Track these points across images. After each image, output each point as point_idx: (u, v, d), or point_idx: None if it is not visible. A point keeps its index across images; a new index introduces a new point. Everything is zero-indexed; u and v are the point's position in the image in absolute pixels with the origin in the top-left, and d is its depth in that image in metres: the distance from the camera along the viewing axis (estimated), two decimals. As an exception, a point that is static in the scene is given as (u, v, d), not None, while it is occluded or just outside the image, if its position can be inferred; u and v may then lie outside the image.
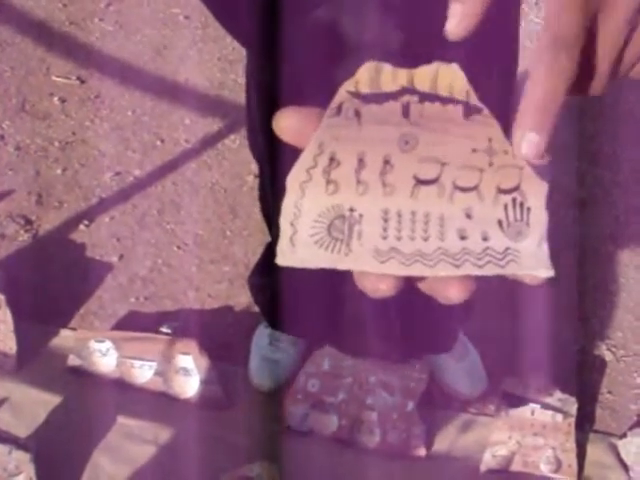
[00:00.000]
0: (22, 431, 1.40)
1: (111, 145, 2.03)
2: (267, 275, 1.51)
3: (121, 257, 1.78)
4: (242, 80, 1.32)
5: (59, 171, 1.96)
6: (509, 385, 1.46)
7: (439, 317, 1.44)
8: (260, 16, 1.03)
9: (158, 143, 2.04)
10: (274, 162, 1.28)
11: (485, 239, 0.38)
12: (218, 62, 2.29)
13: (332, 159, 0.39)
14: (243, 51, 1.25)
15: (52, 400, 1.47)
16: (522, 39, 1.16)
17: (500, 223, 0.38)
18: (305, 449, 1.42)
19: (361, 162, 0.39)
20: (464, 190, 0.38)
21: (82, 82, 2.20)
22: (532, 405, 1.43)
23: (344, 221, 0.38)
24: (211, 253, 1.80)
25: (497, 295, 1.68)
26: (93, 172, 1.96)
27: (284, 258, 0.39)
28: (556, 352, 1.60)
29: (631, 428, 1.46)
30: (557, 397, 1.45)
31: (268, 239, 1.50)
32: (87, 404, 1.46)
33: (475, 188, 0.38)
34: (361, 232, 0.38)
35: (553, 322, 1.66)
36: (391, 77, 0.40)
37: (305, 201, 0.39)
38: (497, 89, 0.40)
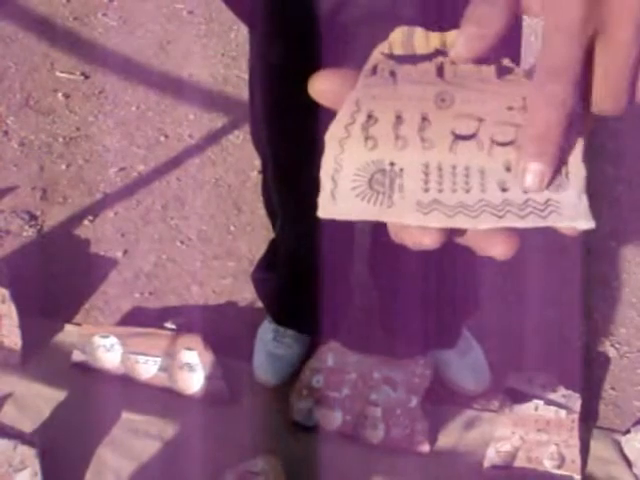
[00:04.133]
0: (27, 426, 1.40)
1: (115, 140, 2.03)
2: (271, 270, 1.51)
3: (125, 252, 1.79)
4: (246, 75, 1.31)
5: (63, 167, 1.97)
6: (513, 381, 1.46)
7: (443, 313, 1.44)
8: None
9: (162, 139, 2.05)
10: (278, 155, 1.28)
11: (526, 191, 0.38)
12: (222, 58, 2.29)
13: (370, 116, 0.40)
14: (246, 46, 1.25)
15: (57, 395, 1.47)
16: (527, 35, 1.16)
17: None
18: (309, 444, 1.42)
19: (399, 119, 0.39)
20: (502, 145, 0.39)
21: (86, 77, 2.20)
22: (536, 401, 1.43)
23: (385, 175, 0.39)
24: (215, 249, 1.80)
25: (500, 291, 1.68)
26: (97, 167, 1.96)
27: (325, 211, 0.39)
28: (560, 348, 1.61)
29: (634, 424, 1.46)
30: (561, 393, 1.45)
31: (272, 234, 1.50)
32: (92, 399, 1.46)
33: (513, 143, 0.38)
34: (402, 185, 0.38)
35: (557, 318, 1.66)
36: (424, 40, 0.41)
37: (345, 156, 0.39)
38: None
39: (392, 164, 0.39)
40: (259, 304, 1.60)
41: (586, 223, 0.38)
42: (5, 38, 2.31)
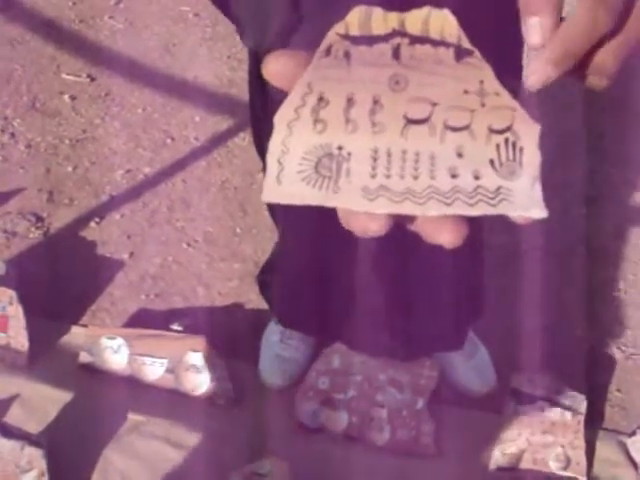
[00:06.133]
0: (33, 427, 1.41)
1: (121, 143, 2.04)
2: (277, 272, 1.52)
3: (131, 254, 1.79)
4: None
5: (70, 169, 1.97)
6: (518, 383, 1.46)
7: (449, 315, 1.44)
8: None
9: (168, 141, 2.05)
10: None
11: (477, 178, 0.37)
12: (227, 60, 2.29)
13: (321, 98, 0.39)
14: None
15: (63, 397, 1.48)
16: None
17: (492, 162, 0.37)
18: (315, 446, 1.42)
19: (350, 101, 0.38)
20: (455, 130, 0.38)
21: (92, 80, 2.21)
22: (541, 403, 1.43)
23: (332, 159, 0.38)
24: (221, 251, 1.81)
25: (506, 293, 1.68)
26: (103, 170, 1.97)
27: (270, 194, 0.38)
28: (565, 350, 1.61)
29: (640, 426, 1.46)
30: (566, 395, 1.45)
31: (277, 236, 1.50)
32: (98, 401, 1.47)
33: (466, 128, 0.38)
34: (350, 170, 0.38)
35: (562, 320, 1.66)
36: (382, 20, 0.39)
37: (293, 139, 0.38)
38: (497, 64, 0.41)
39: (340, 148, 0.38)
40: (265, 306, 1.60)
41: (538, 212, 0.37)
42: (11, 40, 2.32)
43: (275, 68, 0.39)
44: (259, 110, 1.25)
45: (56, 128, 2.07)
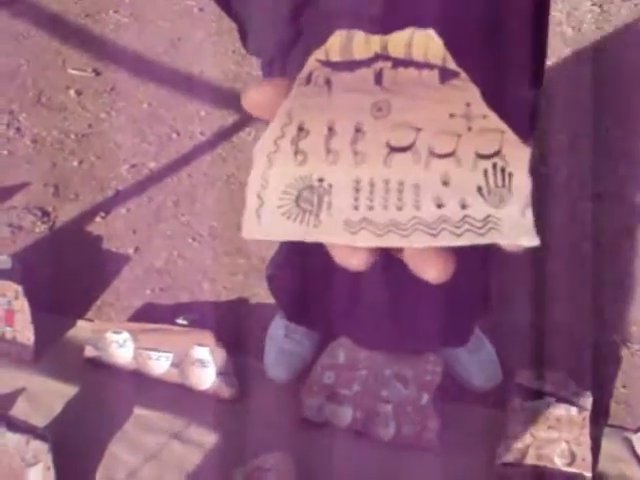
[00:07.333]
0: (39, 421, 1.41)
1: (127, 137, 2.04)
2: (284, 267, 1.51)
3: (137, 249, 1.79)
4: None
5: (75, 163, 1.97)
6: (524, 378, 1.46)
7: (455, 310, 1.44)
8: None
9: (174, 135, 2.05)
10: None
11: (464, 207, 0.35)
12: (233, 54, 2.29)
13: (301, 129, 0.37)
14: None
15: (69, 391, 1.48)
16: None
17: (480, 190, 0.35)
18: (320, 441, 1.42)
19: (331, 131, 0.37)
20: (441, 156, 0.36)
21: (98, 74, 2.21)
22: (547, 398, 1.43)
23: (313, 192, 0.37)
24: (226, 245, 1.81)
25: (513, 289, 1.68)
26: (109, 164, 1.97)
27: (248, 231, 0.38)
28: (571, 345, 1.60)
29: (646, 422, 1.46)
30: (572, 391, 1.45)
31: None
32: (104, 395, 1.47)
33: (452, 154, 0.36)
34: (331, 203, 0.36)
35: (568, 316, 1.66)
36: (364, 44, 0.38)
37: (272, 172, 0.37)
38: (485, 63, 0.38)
39: (321, 180, 0.37)
40: (270, 300, 1.60)
41: (529, 240, 0.35)
42: (17, 36, 2.32)
43: (255, 99, 0.38)
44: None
45: (62, 123, 2.07)
